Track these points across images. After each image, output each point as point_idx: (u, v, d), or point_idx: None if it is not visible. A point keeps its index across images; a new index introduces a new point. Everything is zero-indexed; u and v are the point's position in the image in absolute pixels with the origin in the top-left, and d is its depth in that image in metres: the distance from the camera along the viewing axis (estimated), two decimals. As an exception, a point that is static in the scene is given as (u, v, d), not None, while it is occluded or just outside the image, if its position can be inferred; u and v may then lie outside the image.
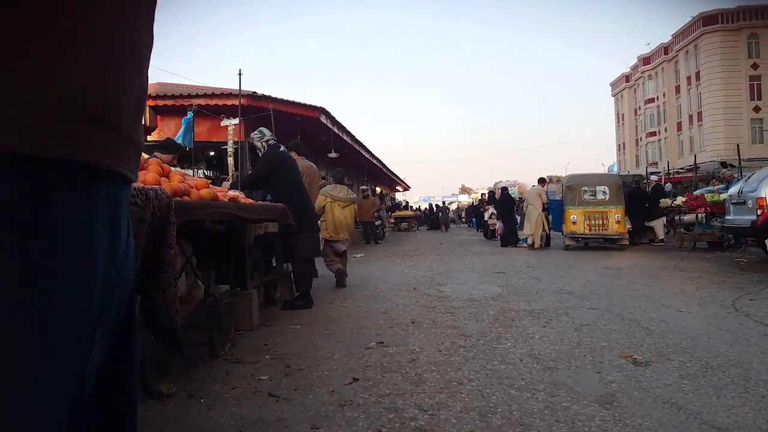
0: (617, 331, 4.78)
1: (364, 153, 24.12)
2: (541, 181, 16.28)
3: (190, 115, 8.18)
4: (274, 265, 6.47)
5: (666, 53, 51.69)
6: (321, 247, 7.03)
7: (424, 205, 55.68)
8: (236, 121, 9.20)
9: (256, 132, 6.11)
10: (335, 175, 8.23)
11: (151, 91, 15.12)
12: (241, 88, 14.06)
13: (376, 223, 20.53)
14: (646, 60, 55.40)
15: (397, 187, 49.66)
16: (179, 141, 7.65)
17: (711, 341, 4.33)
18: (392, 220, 31.70)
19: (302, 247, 6.06)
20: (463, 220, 43.50)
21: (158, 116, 14.63)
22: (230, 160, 6.91)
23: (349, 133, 19.79)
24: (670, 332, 4.67)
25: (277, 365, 3.90)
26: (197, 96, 13.94)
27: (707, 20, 44.86)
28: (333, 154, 19.51)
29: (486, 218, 21.12)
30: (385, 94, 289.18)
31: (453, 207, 58.33)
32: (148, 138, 13.00)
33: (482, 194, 27.62)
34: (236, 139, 8.00)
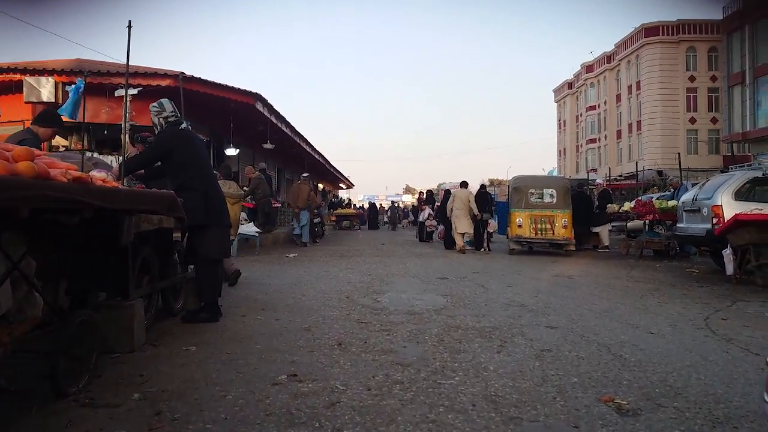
0: (586, 359, 3.94)
1: (305, 146, 22.96)
2: (464, 184, 15.51)
3: (79, 82, 6.91)
4: (177, 267, 5.37)
5: (608, 62, 52.53)
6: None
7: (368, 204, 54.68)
8: (133, 91, 8.02)
9: (155, 104, 4.99)
10: (223, 170, 7.50)
11: (65, 66, 13.62)
12: (174, 70, 12.85)
13: (315, 220, 19.30)
14: (589, 68, 56.21)
15: (341, 185, 48.52)
16: (62, 113, 6.41)
17: (702, 378, 3.52)
18: (333, 218, 30.60)
19: (207, 246, 4.95)
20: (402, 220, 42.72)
21: (75, 95, 13.14)
22: (126, 139, 5.76)
23: (288, 124, 18.60)
24: (649, 362, 3.85)
25: (144, 411, 2.83)
26: (119, 74, 12.58)
27: (648, 32, 45.75)
28: (269, 145, 18.30)
29: (422, 219, 19.81)
30: (331, 92, 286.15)
31: (396, 206, 57.66)
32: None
33: (420, 193, 25.86)
34: (130, 114, 6.80)
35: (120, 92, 7.04)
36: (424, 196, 21.92)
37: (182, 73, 12.78)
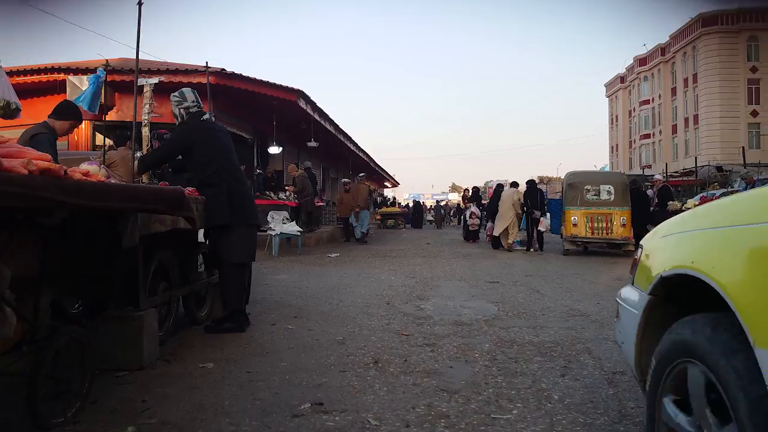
0: (670, 386, 3.27)
1: (349, 144, 22.51)
2: (514, 184, 14.84)
3: (100, 72, 6.58)
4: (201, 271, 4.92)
5: (663, 54, 50.38)
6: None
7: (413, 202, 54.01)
8: (153, 80, 7.64)
9: (175, 94, 4.56)
10: None
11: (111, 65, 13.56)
12: (210, 66, 12.58)
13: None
14: (642, 61, 54.07)
15: (386, 183, 48.06)
16: (79, 103, 6.07)
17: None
18: (378, 217, 30.12)
19: (231, 248, 4.47)
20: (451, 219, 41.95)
21: (116, 93, 13.10)
22: (145, 131, 5.37)
23: (332, 122, 18.19)
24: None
25: (135, 452, 2.35)
26: (158, 72, 12.47)
27: (706, 21, 43.52)
28: (313, 143, 17.91)
29: (466, 217, 18.95)
30: (376, 89, 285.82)
31: (441, 204, 56.98)
32: (105, 118, 11.38)
33: (465, 190, 24.59)
34: (150, 105, 6.40)
35: (141, 81, 6.65)
36: (470, 194, 20.92)
37: (222, 69, 12.53)
